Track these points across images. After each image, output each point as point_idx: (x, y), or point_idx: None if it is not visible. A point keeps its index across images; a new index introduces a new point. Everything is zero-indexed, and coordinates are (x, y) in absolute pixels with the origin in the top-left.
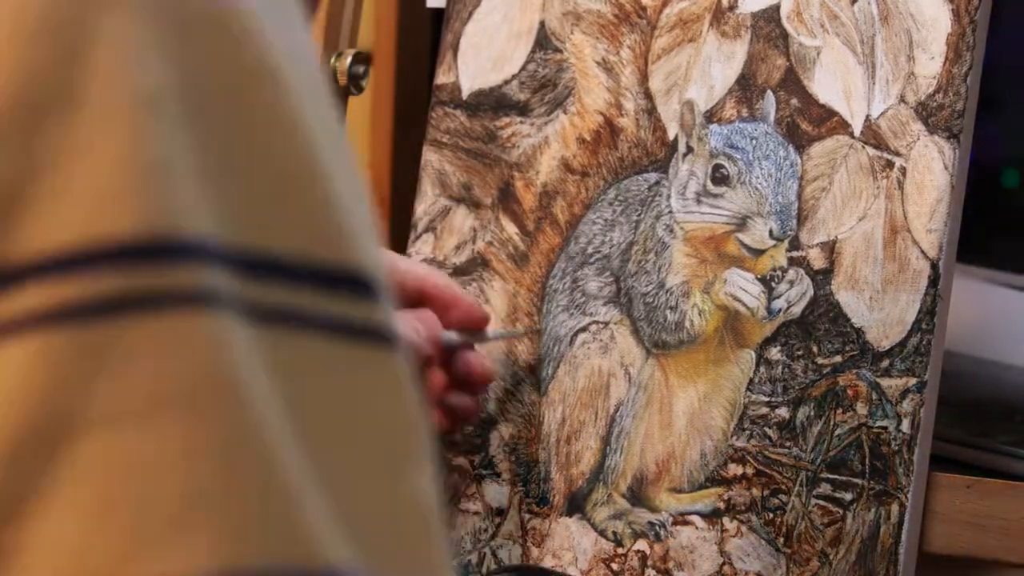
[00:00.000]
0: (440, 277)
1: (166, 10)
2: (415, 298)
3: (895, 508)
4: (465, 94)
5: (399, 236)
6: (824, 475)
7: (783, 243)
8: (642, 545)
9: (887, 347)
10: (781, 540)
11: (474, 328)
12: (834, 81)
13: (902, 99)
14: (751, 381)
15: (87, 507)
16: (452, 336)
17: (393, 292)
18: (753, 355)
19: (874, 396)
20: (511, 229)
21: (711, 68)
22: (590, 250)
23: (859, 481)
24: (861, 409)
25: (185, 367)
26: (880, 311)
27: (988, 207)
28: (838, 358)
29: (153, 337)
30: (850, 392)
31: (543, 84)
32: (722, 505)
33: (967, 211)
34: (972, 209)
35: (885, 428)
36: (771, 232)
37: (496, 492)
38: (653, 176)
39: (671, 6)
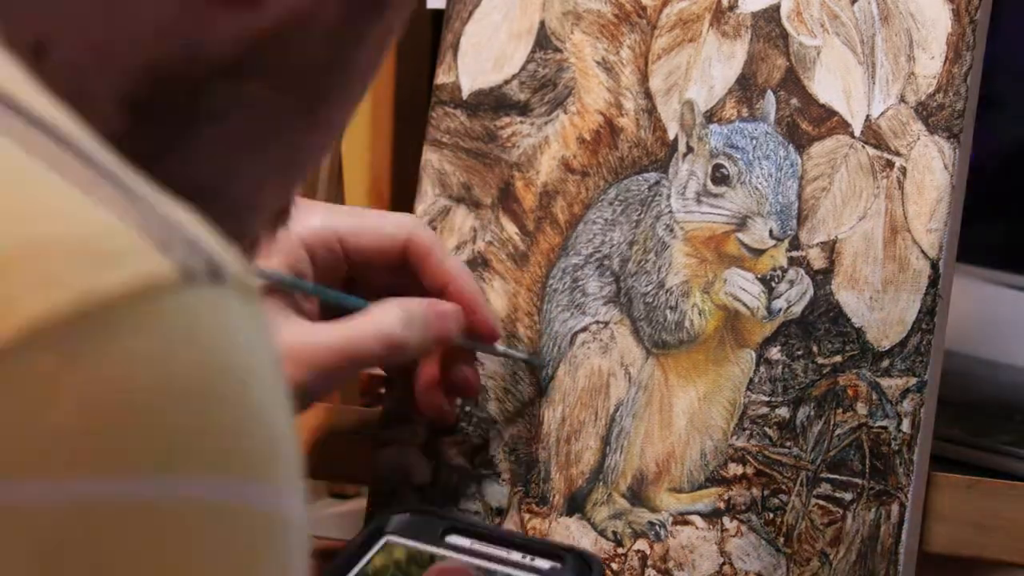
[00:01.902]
0: (467, 280)
1: None
2: (440, 290)
3: (895, 508)
4: (465, 94)
5: None
6: (824, 475)
7: (783, 243)
8: (642, 545)
9: (887, 347)
10: (781, 540)
11: (485, 340)
12: (834, 81)
13: (902, 99)
14: (751, 381)
15: None
16: (462, 341)
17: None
18: (753, 355)
19: (874, 396)
20: (511, 229)
21: (711, 68)
22: (590, 250)
23: (859, 481)
24: (861, 409)
25: None
26: (880, 311)
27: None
28: (838, 358)
29: None
30: (850, 392)
31: (543, 84)
32: (722, 505)
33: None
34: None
35: (885, 428)
36: (771, 232)
37: (496, 492)
38: (653, 176)
39: (671, 6)
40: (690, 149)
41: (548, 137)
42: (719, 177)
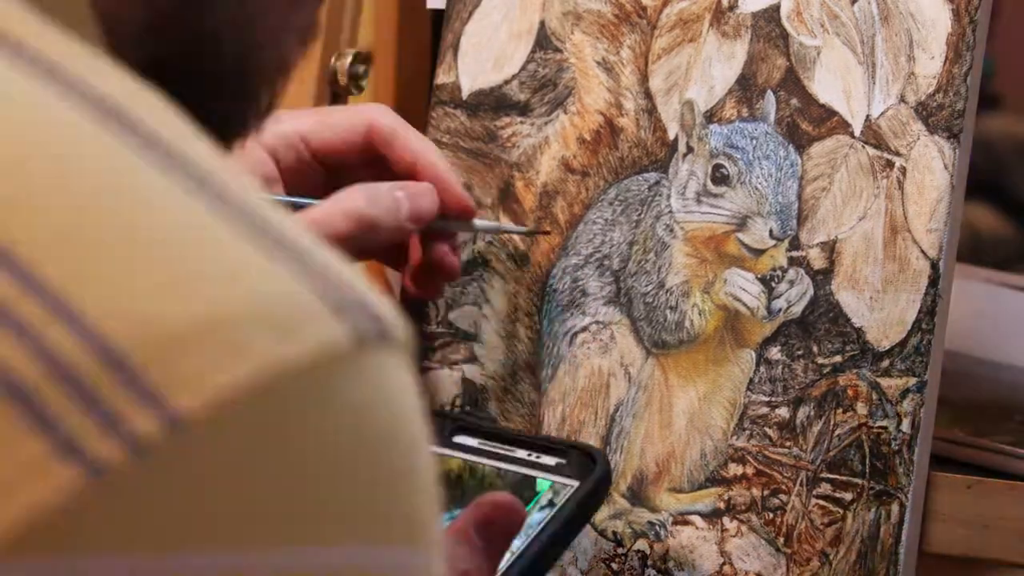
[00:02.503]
0: (436, 157)
1: None
2: (408, 172)
3: (895, 508)
4: (465, 94)
5: None
6: (824, 475)
7: (783, 243)
8: (642, 545)
9: (887, 347)
10: (781, 540)
11: (460, 217)
12: (834, 81)
13: (902, 99)
14: (751, 381)
15: None
16: (438, 223)
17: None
18: (753, 355)
19: (874, 396)
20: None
21: (711, 68)
22: (590, 250)
23: (859, 481)
24: (861, 409)
25: None
26: (880, 311)
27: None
28: (838, 358)
29: None
30: (850, 392)
31: (543, 84)
32: (722, 505)
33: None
34: None
35: (885, 428)
36: (771, 232)
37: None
38: (653, 176)
39: (671, 6)
40: (690, 149)
41: (548, 137)
42: (719, 177)
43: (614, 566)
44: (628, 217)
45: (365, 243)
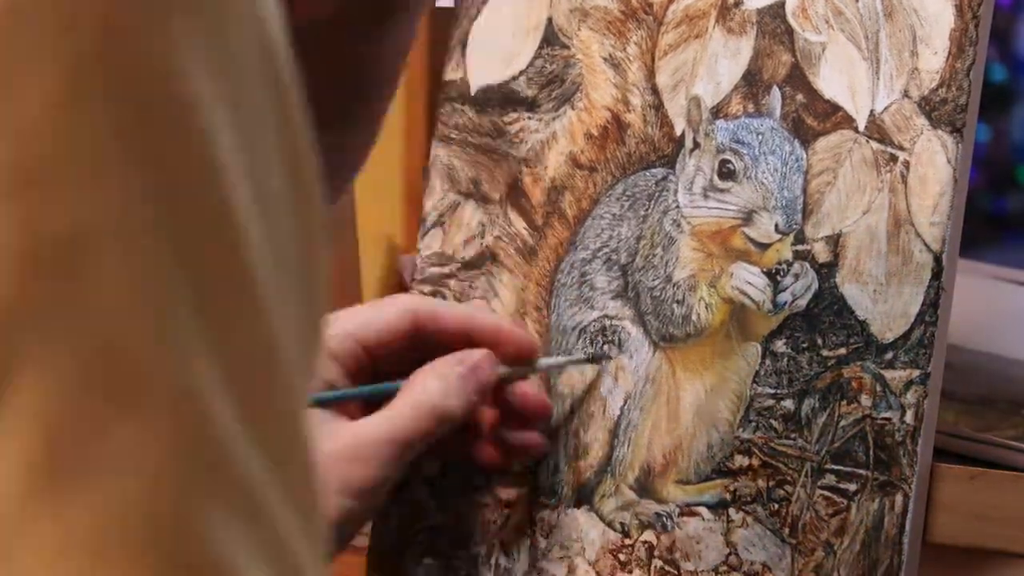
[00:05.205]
0: (484, 314)
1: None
2: (462, 340)
3: (899, 499)
4: (473, 90)
5: None
6: (829, 466)
7: (788, 237)
8: (649, 536)
9: (891, 339)
10: (787, 530)
11: (524, 359)
12: (839, 76)
13: (906, 94)
14: (757, 373)
15: None
16: (504, 370)
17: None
18: (759, 348)
19: (878, 388)
20: (519, 224)
21: (717, 64)
22: (598, 244)
23: (863, 472)
24: (865, 401)
25: None
26: (884, 304)
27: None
28: (842, 350)
29: None
30: (854, 384)
31: (551, 80)
32: (728, 496)
33: (980, 206)
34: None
35: (889, 419)
36: (777, 226)
37: (505, 484)
38: (660, 171)
39: (677, 2)
40: (697, 145)
41: (556, 133)
42: (725, 172)
43: (621, 557)
44: (635, 212)
45: (442, 431)
